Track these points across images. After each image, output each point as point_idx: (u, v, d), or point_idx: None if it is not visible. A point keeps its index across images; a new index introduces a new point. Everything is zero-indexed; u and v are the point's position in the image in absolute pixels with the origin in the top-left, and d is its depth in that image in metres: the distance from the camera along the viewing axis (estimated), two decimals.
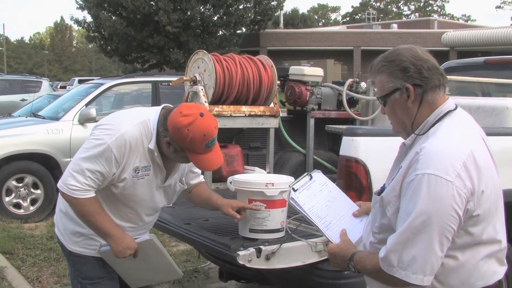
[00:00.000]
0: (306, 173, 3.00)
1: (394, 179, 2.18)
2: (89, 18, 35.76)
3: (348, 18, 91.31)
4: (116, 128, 2.74)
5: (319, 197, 2.89)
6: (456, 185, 1.99)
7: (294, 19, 69.73)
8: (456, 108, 2.24)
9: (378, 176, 3.18)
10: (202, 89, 5.02)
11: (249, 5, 35.89)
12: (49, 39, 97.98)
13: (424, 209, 1.99)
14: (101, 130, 2.76)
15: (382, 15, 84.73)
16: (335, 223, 2.74)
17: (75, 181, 2.71)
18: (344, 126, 4.41)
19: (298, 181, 2.95)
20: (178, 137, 2.70)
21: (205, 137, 2.69)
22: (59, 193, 2.90)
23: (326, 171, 2.90)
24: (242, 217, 3.15)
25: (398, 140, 2.35)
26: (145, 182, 2.87)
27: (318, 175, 3.01)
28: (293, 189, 2.89)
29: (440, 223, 1.99)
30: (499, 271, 2.20)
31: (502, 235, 2.21)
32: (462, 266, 2.10)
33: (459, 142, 2.09)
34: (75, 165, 2.74)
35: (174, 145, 2.74)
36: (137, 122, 2.80)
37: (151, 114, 2.85)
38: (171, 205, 3.23)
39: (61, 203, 3.06)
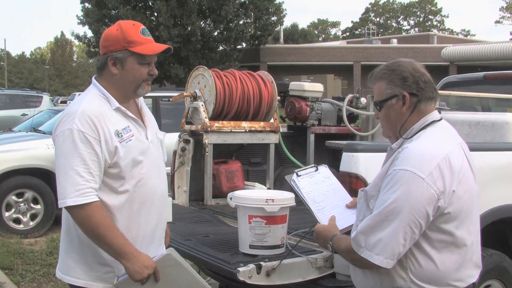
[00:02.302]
0: (313, 165, 3.12)
1: (378, 175, 2.41)
2: (89, 34, 36.01)
3: (348, 33, 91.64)
4: (71, 113, 2.56)
5: (319, 185, 3.01)
6: (427, 182, 2.20)
7: (294, 34, 69.97)
8: (440, 119, 2.44)
9: None
10: (202, 105, 5.03)
11: (249, 21, 36.09)
12: (49, 54, 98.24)
13: (395, 199, 2.21)
14: (60, 126, 2.58)
15: (381, 30, 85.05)
16: (328, 210, 2.88)
17: (72, 185, 2.47)
18: (344, 142, 4.41)
19: (303, 169, 3.06)
20: (115, 43, 2.62)
21: (135, 25, 2.66)
22: (64, 226, 2.74)
23: None
24: None
25: None
26: (135, 143, 2.64)
27: (324, 168, 3.13)
28: (296, 173, 2.99)
29: (408, 214, 2.19)
30: (474, 275, 2.38)
31: (475, 238, 2.39)
32: (438, 266, 2.28)
33: (437, 146, 2.30)
34: (62, 173, 2.50)
35: (117, 55, 2.62)
36: (86, 98, 2.66)
37: (90, 89, 2.74)
38: (172, 220, 3.12)
39: (67, 239, 2.75)
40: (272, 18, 37.83)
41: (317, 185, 3.01)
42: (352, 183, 3.31)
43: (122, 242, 2.53)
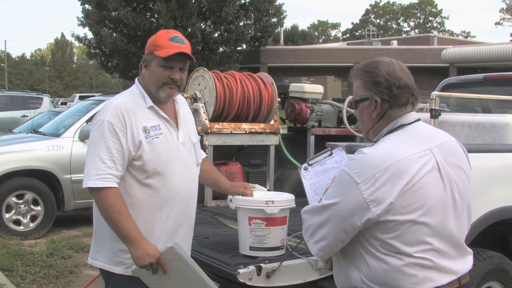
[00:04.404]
0: (328, 149, 3.02)
1: None
2: (90, 35, 36.05)
3: (348, 35, 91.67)
4: (107, 106, 2.82)
5: (328, 173, 2.93)
6: (360, 188, 2.18)
7: (294, 36, 70.01)
8: (413, 122, 2.36)
9: None
10: (202, 106, 5.04)
11: (250, 22, 36.12)
12: (50, 56, 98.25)
13: (330, 197, 2.29)
14: (97, 116, 2.83)
15: (382, 32, 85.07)
16: None
17: (94, 169, 2.69)
18: (345, 143, 4.41)
19: (317, 156, 3.00)
20: (148, 47, 2.89)
21: (168, 33, 2.89)
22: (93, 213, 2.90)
23: None
24: (252, 194, 3.27)
25: None
26: (162, 141, 2.82)
27: (338, 152, 3.01)
28: (308, 163, 2.97)
29: (335, 213, 2.24)
30: (435, 279, 2.24)
31: (440, 248, 2.25)
32: (386, 269, 2.22)
33: (388, 153, 2.23)
34: (89, 158, 2.74)
35: (146, 58, 2.89)
36: (123, 94, 2.95)
37: (131, 87, 2.98)
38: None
39: (99, 221, 2.87)
40: (272, 20, 37.85)
41: (325, 174, 2.94)
42: None
43: (129, 227, 2.69)
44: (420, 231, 2.21)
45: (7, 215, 7.76)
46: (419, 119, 2.39)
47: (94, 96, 14.99)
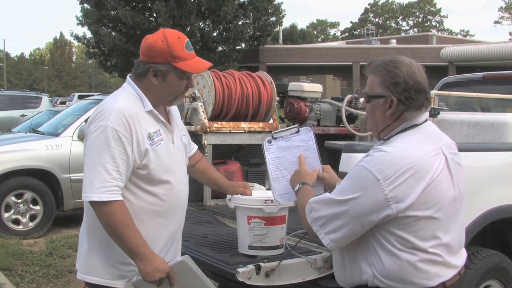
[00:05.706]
0: (296, 125, 3.03)
1: None
2: (89, 34, 36.05)
3: (347, 34, 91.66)
4: (107, 110, 2.59)
5: (292, 150, 2.95)
6: (381, 184, 2.22)
7: (293, 35, 69.92)
8: (423, 122, 2.42)
9: None
10: (201, 106, 5.03)
11: (248, 21, 36.13)
12: (49, 55, 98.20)
13: (346, 192, 2.30)
14: (95, 120, 2.61)
15: (381, 31, 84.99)
16: (286, 179, 2.89)
17: (99, 181, 2.49)
18: (344, 142, 4.41)
19: (283, 130, 2.99)
20: (159, 55, 2.64)
21: (180, 39, 2.68)
22: (85, 221, 2.73)
23: (325, 189, 2.95)
24: (251, 193, 3.20)
25: None
26: (163, 147, 2.68)
27: (306, 131, 3.00)
28: (272, 136, 2.96)
29: (351, 208, 2.27)
30: (443, 274, 2.35)
31: (447, 240, 2.35)
32: (399, 265, 2.28)
33: (407, 152, 2.28)
34: (91, 167, 2.52)
35: (160, 68, 2.65)
36: (121, 96, 2.70)
37: (125, 88, 2.75)
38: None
39: (93, 232, 2.71)
40: (271, 19, 37.86)
41: (289, 150, 2.94)
42: None
43: (138, 242, 2.54)
44: (434, 225, 2.30)
45: (6, 215, 7.77)
46: (427, 119, 2.46)
47: (93, 95, 14.98)
